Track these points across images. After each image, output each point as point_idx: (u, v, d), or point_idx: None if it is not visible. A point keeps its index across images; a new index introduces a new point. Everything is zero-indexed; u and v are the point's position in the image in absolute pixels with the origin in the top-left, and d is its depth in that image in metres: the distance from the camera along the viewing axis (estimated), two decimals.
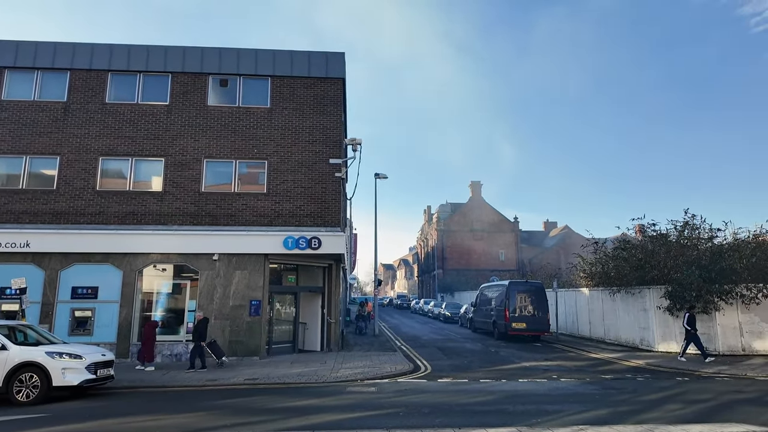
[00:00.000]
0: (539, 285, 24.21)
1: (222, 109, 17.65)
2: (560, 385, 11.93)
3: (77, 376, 10.24)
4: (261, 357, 15.89)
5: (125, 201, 16.61)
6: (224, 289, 16.22)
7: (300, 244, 16.33)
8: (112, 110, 17.28)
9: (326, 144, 17.66)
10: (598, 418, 8.47)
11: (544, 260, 51.87)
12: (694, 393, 10.86)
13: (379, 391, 11.19)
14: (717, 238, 18.70)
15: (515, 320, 22.54)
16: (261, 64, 17.99)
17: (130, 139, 17.10)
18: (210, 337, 14.67)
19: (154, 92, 17.63)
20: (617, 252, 20.72)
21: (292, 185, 17.24)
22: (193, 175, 16.99)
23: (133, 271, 16.07)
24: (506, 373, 13.74)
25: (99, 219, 16.36)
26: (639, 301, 19.28)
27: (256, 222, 16.78)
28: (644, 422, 8.09)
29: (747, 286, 16.88)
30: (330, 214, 17.18)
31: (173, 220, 16.57)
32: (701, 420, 8.28)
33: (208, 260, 16.31)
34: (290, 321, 18.00)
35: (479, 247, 63.40)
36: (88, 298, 15.86)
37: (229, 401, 10.17)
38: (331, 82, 18.20)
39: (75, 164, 16.73)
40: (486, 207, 65.95)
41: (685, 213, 19.34)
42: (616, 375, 13.43)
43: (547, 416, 8.56)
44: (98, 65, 17.47)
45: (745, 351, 16.89)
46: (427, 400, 10.04)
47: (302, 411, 9.19)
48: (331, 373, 13.28)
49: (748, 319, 17.10)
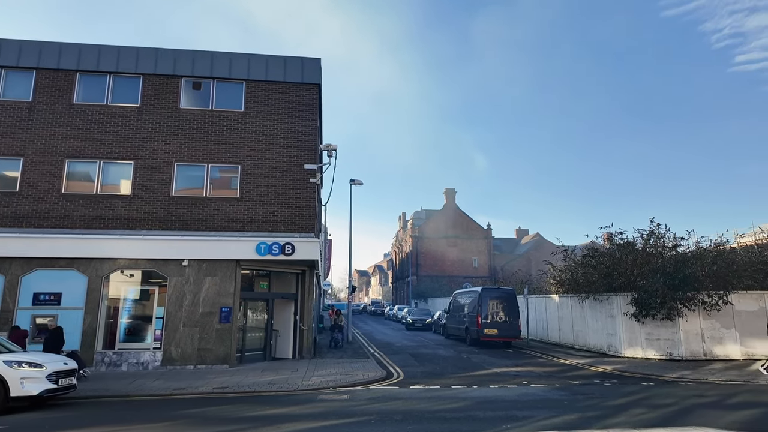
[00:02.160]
0: (511, 291, 24.56)
1: (195, 112, 17.39)
2: (530, 390, 12.10)
3: (37, 385, 9.87)
4: (231, 365, 15.62)
5: (92, 205, 16.15)
6: (194, 296, 15.90)
7: (273, 250, 16.16)
8: (80, 111, 16.83)
9: (301, 149, 17.59)
10: (567, 423, 8.63)
11: (515, 267, 52.62)
12: (659, 397, 11.17)
13: (351, 398, 11.14)
14: (681, 247, 19.34)
15: (487, 326, 22.78)
16: (235, 68, 17.82)
17: (98, 141, 16.67)
18: (68, 349, 13.58)
19: (124, 94, 17.25)
20: (586, 260, 21.20)
21: (265, 190, 17.07)
22: (164, 179, 16.65)
23: (99, 277, 15.61)
24: (478, 379, 13.86)
25: (64, 223, 15.86)
26: (606, 307, 19.75)
27: (228, 227, 16.55)
28: (611, 427, 8.28)
29: (708, 294, 17.48)
30: (304, 219, 17.08)
31: (142, 225, 16.19)
32: (665, 424, 8.52)
33: (178, 266, 15.97)
34: (262, 328, 17.76)
35: (453, 254, 63.93)
36: (50, 304, 15.31)
37: (197, 410, 9.96)
38: (306, 87, 18.16)
39: (39, 166, 16.20)
40: (460, 214, 66.61)
41: (651, 222, 19.98)
42: (585, 380, 13.71)
43: (517, 422, 8.67)
44: (66, 65, 17.00)
45: (707, 356, 17.47)
46: (400, 407, 10.04)
47: (273, 420, 9.07)
48: (303, 381, 13.15)
49: (710, 325, 17.71)
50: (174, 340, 15.55)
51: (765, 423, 8.77)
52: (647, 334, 18.06)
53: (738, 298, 17.85)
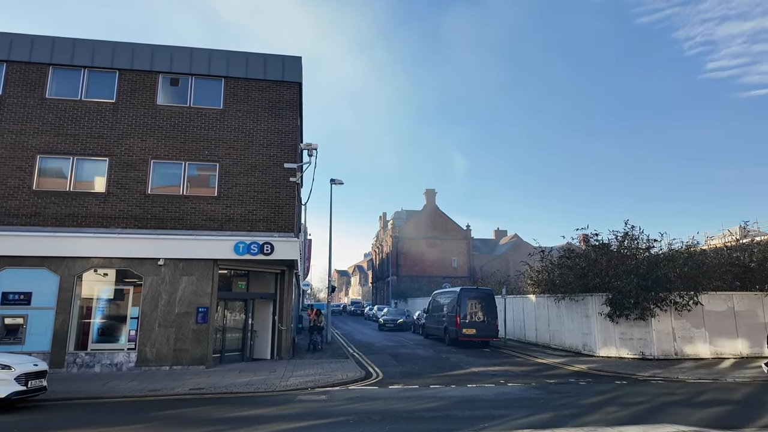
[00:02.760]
0: (489, 292, 24.81)
1: (172, 108, 17.10)
2: (507, 389, 12.25)
3: (5, 388, 9.57)
4: (208, 366, 15.41)
5: (65, 202, 15.75)
6: (170, 296, 15.64)
7: (252, 250, 15.99)
8: (52, 106, 16.39)
9: (281, 148, 17.45)
10: (542, 421, 8.76)
11: (494, 267, 53.13)
12: (631, 396, 11.42)
13: (329, 399, 11.11)
14: (654, 249, 19.80)
15: (466, 326, 22.97)
16: (214, 65, 17.59)
17: (71, 137, 16.25)
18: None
19: (99, 89, 16.86)
20: (562, 260, 21.54)
21: (244, 189, 16.90)
22: (139, 177, 16.34)
23: (72, 276, 15.22)
24: (456, 379, 13.97)
25: (35, 221, 15.42)
26: (582, 307, 20.11)
27: (205, 226, 16.32)
28: (585, 425, 8.43)
29: (680, 294, 17.94)
30: (284, 219, 16.95)
31: (117, 223, 15.86)
32: (637, 421, 8.71)
33: (153, 265, 15.69)
34: (240, 329, 17.56)
35: (433, 254, 64.27)
36: (20, 304, 14.86)
37: (173, 412, 9.80)
38: (287, 85, 18.03)
39: (9, 162, 15.72)
40: (440, 215, 67.01)
41: (626, 224, 20.41)
42: (560, 379, 13.93)
43: (494, 421, 8.77)
44: (38, 58, 16.54)
45: (678, 355, 17.93)
46: (378, 407, 10.06)
47: (251, 421, 8.99)
48: (281, 382, 13.05)
49: (681, 325, 18.18)
50: (149, 341, 15.26)
51: (731, 420, 9.05)
52: (621, 333, 18.45)
53: (708, 298, 18.37)
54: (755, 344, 18.30)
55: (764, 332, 18.46)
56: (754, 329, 18.49)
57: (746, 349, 18.25)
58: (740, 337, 18.37)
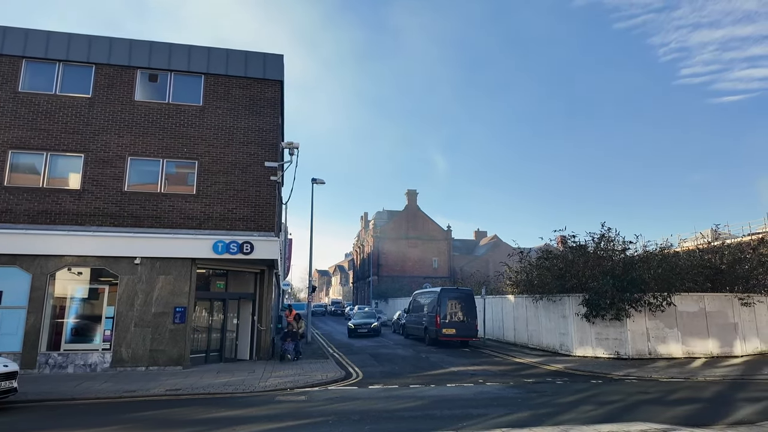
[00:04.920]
0: (469, 292, 25.00)
1: (150, 105, 16.81)
2: (486, 389, 12.37)
3: None
4: (185, 366, 15.19)
5: (38, 198, 15.35)
6: (146, 295, 15.37)
7: (231, 249, 15.82)
8: (25, 100, 15.95)
9: (262, 146, 17.30)
10: (520, 420, 8.88)
11: (474, 268, 53.54)
12: (606, 395, 11.65)
13: (309, 399, 11.06)
14: (629, 250, 20.20)
15: (446, 326, 23.11)
16: (194, 61, 17.35)
17: (45, 132, 15.85)
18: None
19: (75, 83, 16.48)
20: (540, 261, 21.83)
21: (224, 187, 16.71)
22: (116, 173, 16.02)
23: (44, 275, 14.84)
24: (435, 379, 14.05)
25: (6, 217, 14.99)
26: (559, 308, 20.42)
27: (183, 224, 16.09)
28: (561, 423, 8.56)
29: (654, 295, 18.34)
30: (264, 218, 16.81)
31: (92, 221, 15.51)
32: (611, 420, 8.89)
33: (130, 264, 15.40)
34: (218, 329, 17.35)
35: (414, 255, 64.48)
36: None
37: (149, 413, 9.63)
38: (268, 83, 17.89)
39: None
40: (421, 215, 67.25)
41: (602, 226, 20.77)
42: (538, 379, 14.12)
43: (473, 420, 8.84)
44: (11, 50, 16.08)
45: (651, 355, 18.33)
46: (357, 408, 10.05)
47: (228, 422, 8.89)
48: (260, 383, 12.94)
49: (654, 325, 18.60)
50: (125, 341, 14.98)
51: (701, 417, 9.30)
52: (597, 333, 18.79)
53: (680, 299, 18.83)
54: (725, 344, 18.84)
55: (734, 332, 19.04)
56: (724, 329, 19.03)
57: (716, 348, 18.77)
58: (711, 337, 18.87)
